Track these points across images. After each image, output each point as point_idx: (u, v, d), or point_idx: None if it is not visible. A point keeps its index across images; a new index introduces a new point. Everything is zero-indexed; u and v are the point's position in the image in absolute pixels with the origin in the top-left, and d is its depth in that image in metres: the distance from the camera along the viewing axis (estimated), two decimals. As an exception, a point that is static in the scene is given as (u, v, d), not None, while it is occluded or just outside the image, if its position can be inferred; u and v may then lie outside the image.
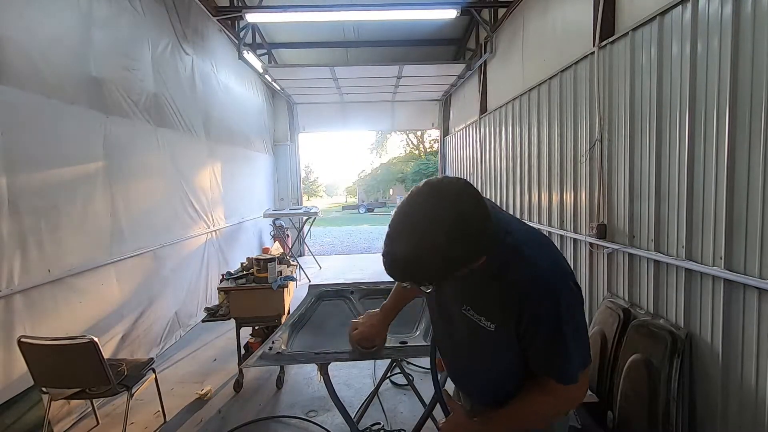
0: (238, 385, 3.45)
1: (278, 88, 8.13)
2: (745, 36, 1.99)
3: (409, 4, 5.46)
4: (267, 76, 7.32)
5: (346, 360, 1.78)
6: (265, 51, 7.72)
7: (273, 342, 1.86)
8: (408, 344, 1.88)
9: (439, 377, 1.48)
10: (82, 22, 3.27)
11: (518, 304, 1.01)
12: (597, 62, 3.24)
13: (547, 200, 4.32)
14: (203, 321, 3.57)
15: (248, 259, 3.78)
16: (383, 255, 0.96)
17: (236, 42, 6.20)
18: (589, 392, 2.69)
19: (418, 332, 2.05)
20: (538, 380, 1.11)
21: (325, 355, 1.77)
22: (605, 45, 3.14)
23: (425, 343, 1.90)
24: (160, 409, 3.01)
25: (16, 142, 2.60)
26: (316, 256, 8.85)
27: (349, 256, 10.44)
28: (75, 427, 2.93)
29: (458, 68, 7.09)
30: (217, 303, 3.70)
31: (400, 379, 3.42)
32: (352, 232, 17.51)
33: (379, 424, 2.50)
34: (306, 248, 9.22)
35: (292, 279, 3.67)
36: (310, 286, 2.65)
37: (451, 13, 5.36)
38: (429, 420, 2.01)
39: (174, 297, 4.54)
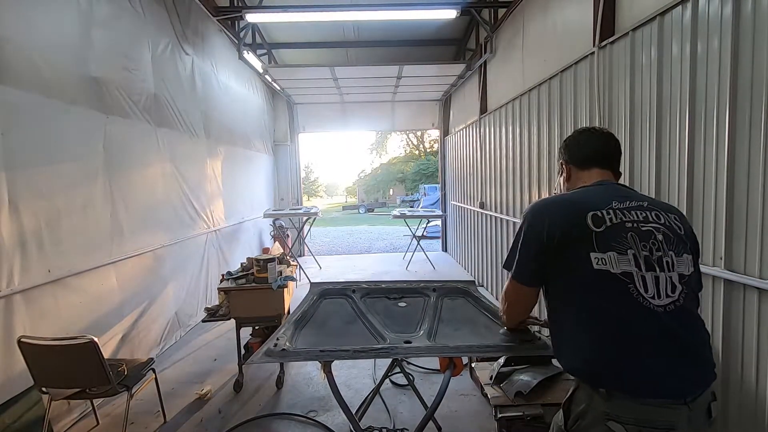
0: (238, 385, 3.45)
1: (278, 88, 8.13)
2: (745, 36, 2.00)
3: (409, 4, 5.46)
4: (267, 76, 7.32)
5: (350, 358, 1.78)
6: (265, 51, 7.73)
7: (277, 339, 1.86)
8: (412, 344, 1.88)
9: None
10: (82, 22, 3.27)
11: None
12: (597, 62, 3.24)
13: (547, 200, 4.30)
14: (203, 321, 3.57)
15: (248, 259, 3.78)
16: None
17: (236, 42, 6.20)
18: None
19: (421, 332, 2.05)
20: None
21: (330, 352, 1.77)
22: (605, 45, 3.14)
23: (430, 343, 1.91)
24: (160, 409, 3.01)
25: (16, 143, 2.60)
26: (316, 256, 8.86)
27: (349, 256, 10.44)
28: (75, 427, 2.93)
29: (458, 68, 7.09)
30: (217, 303, 3.70)
31: (401, 380, 3.42)
32: (352, 232, 17.51)
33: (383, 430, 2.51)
34: (306, 248, 9.23)
35: (292, 279, 3.67)
36: (312, 284, 2.65)
37: (451, 13, 5.36)
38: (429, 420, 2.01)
39: (174, 297, 4.54)
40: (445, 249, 10.00)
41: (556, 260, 1.26)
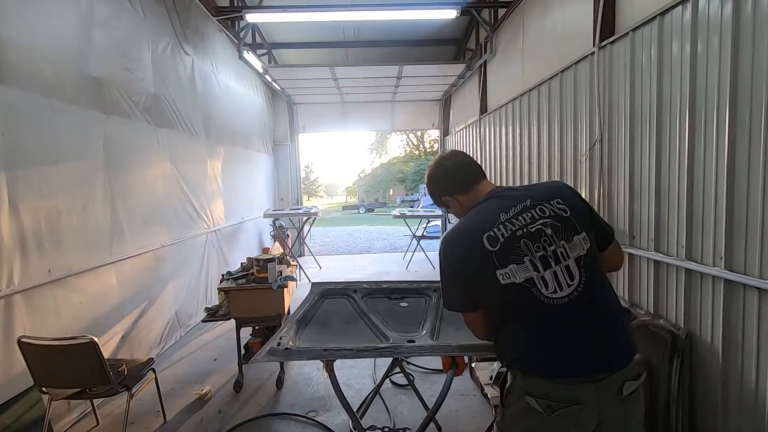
0: (238, 385, 3.45)
1: (278, 88, 8.13)
2: (745, 36, 1.99)
3: (409, 4, 5.46)
4: (267, 76, 7.32)
5: (354, 357, 1.79)
6: (265, 51, 7.72)
7: (280, 338, 1.86)
8: (416, 343, 1.88)
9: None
10: (82, 22, 3.27)
11: None
12: (597, 62, 3.24)
13: (547, 200, 4.30)
14: (203, 321, 3.57)
15: (248, 259, 3.78)
16: None
17: (236, 42, 6.20)
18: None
19: (424, 332, 2.05)
20: None
21: (333, 351, 1.77)
22: (605, 45, 3.14)
23: (433, 342, 1.91)
24: (160, 409, 3.01)
25: (16, 142, 2.60)
26: (316, 256, 8.86)
27: (349, 256, 10.44)
28: (75, 427, 2.93)
29: (458, 68, 7.09)
30: (217, 303, 3.70)
31: (401, 379, 3.42)
32: (352, 232, 17.51)
33: (385, 429, 2.51)
34: (306, 248, 9.23)
35: (292, 279, 3.67)
36: (313, 283, 2.65)
37: (451, 13, 5.36)
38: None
39: (174, 297, 4.54)
40: (445, 249, 9.98)
41: (473, 284, 1.37)
